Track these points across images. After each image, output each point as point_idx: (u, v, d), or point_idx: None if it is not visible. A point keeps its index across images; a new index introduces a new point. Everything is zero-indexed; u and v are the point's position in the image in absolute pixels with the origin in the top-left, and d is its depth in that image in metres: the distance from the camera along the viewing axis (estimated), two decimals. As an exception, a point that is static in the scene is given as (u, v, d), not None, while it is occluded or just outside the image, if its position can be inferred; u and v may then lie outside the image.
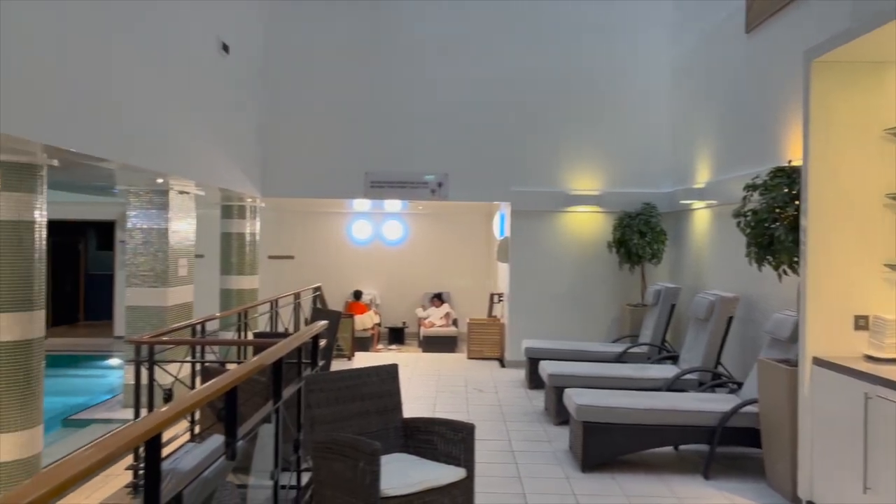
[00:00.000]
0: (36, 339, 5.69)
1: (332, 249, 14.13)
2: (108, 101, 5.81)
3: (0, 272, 5.45)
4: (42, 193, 5.81)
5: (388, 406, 4.07)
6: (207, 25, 8.05)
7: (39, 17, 4.78)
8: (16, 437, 5.41)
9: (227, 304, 10.42)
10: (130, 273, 8.34)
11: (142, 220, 8.30)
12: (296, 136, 10.39)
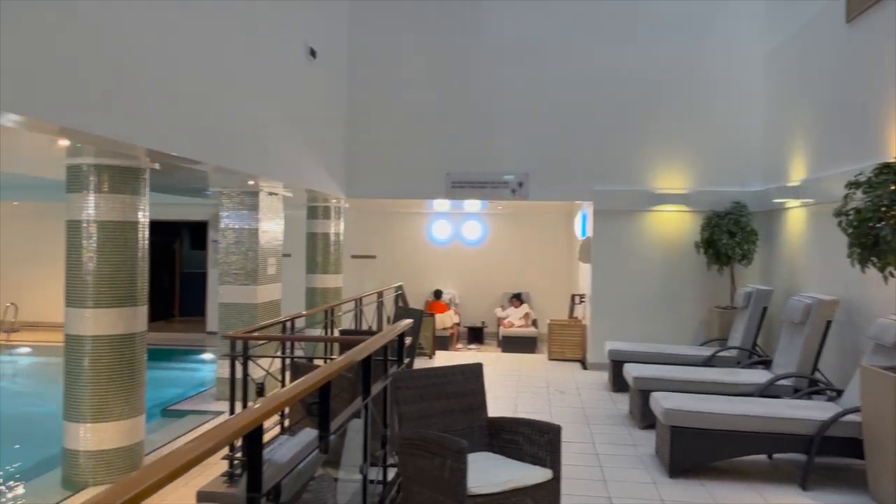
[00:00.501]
0: (139, 333, 6.03)
1: (412, 249, 14.30)
2: (206, 106, 6.08)
3: (106, 270, 5.81)
4: (145, 195, 6.14)
5: (472, 405, 4.09)
6: (296, 31, 8.31)
7: (148, 32, 5.06)
8: (120, 426, 5.74)
9: (312, 302, 10.73)
10: (223, 271, 8.70)
11: (234, 221, 8.65)
12: (378, 138, 10.57)
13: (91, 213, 5.78)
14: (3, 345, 12.67)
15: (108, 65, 4.60)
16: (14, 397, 9.46)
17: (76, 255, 5.80)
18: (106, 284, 5.79)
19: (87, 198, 5.79)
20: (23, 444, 7.20)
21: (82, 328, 5.74)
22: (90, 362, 5.68)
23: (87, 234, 5.79)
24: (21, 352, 12.40)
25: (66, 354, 5.78)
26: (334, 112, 10.09)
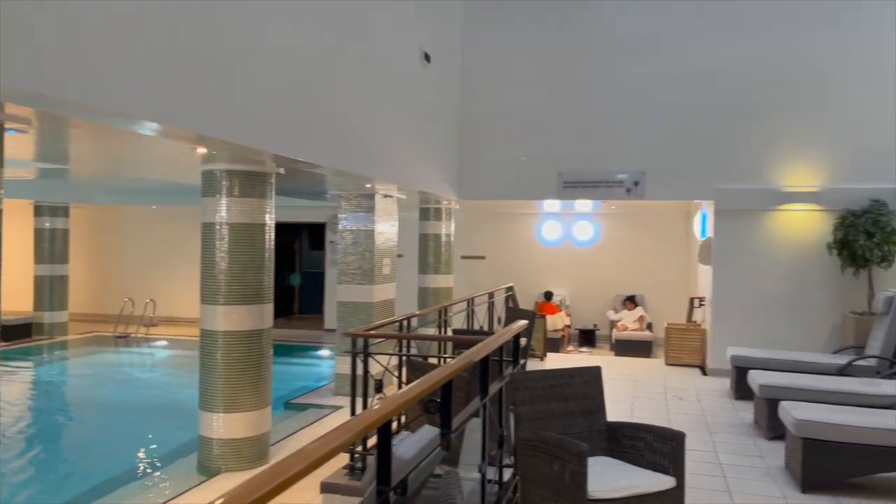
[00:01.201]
0: (265, 329, 6.36)
1: (522, 250, 14.24)
2: (327, 112, 6.33)
3: (237, 269, 6.17)
4: (271, 199, 6.48)
5: (591, 408, 4.03)
6: (410, 36, 8.49)
7: (275, 43, 5.33)
8: (249, 416, 6.08)
9: (424, 302, 10.92)
10: (341, 271, 9.02)
11: (351, 223, 8.95)
12: (490, 139, 10.62)
13: (223, 215, 6.16)
14: (143, 338, 13.73)
15: (239, 75, 4.88)
16: (153, 387, 10.23)
17: (210, 256, 6.20)
18: (236, 283, 6.15)
19: (219, 202, 6.17)
20: (161, 430, 7.76)
21: (215, 323, 6.12)
22: (222, 356, 6.05)
23: (219, 236, 6.17)
24: (159, 344, 13.39)
25: (201, 348, 6.19)
26: (447, 114, 10.22)
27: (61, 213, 13.74)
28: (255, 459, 6.06)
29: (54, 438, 7.90)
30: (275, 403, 6.75)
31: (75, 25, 3.40)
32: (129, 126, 4.29)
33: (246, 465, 5.96)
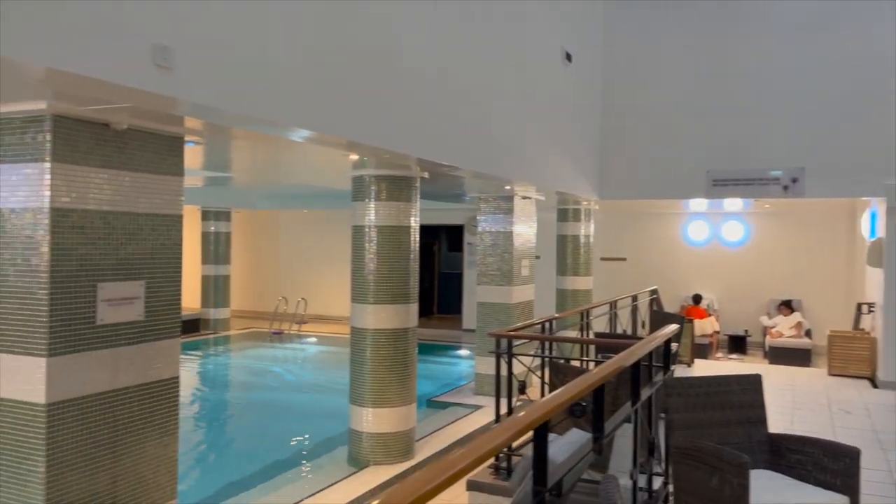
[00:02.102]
0: (411, 328, 6.56)
1: (666, 251, 13.71)
2: (468, 115, 6.42)
3: (384, 270, 6.41)
4: (416, 202, 6.68)
5: (751, 418, 3.81)
6: (552, 36, 8.43)
7: (419, 50, 5.49)
8: (396, 412, 6.30)
9: (562, 304, 10.80)
10: (480, 272, 9.12)
11: (490, 224, 9.04)
12: (633, 138, 10.32)
13: (372, 218, 6.43)
14: (295, 334, 14.60)
15: (386, 82, 5.07)
16: (306, 380, 10.85)
17: (360, 257, 6.49)
18: (384, 283, 6.39)
19: (368, 205, 6.44)
20: (314, 422, 8.21)
21: (364, 321, 6.40)
22: (371, 353, 6.31)
23: (368, 238, 6.45)
24: (310, 341, 14.19)
25: (352, 345, 6.49)
26: (587, 113, 10.05)
27: (224, 217, 14.92)
28: (402, 454, 6.26)
29: (216, 426, 8.58)
30: (418, 401, 6.93)
31: (241, 42, 3.69)
32: (284, 133, 4.58)
33: (393, 459, 6.18)
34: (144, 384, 3.86)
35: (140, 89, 2.99)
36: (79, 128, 3.49)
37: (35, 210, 3.40)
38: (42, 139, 3.38)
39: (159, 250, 3.95)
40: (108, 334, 3.66)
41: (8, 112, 3.41)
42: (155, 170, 3.91)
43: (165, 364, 4.00)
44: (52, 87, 3.16)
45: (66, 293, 3.45)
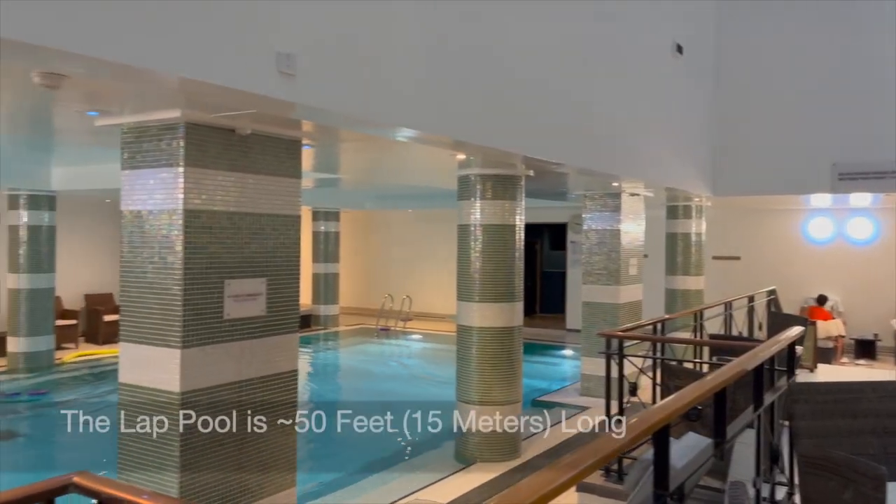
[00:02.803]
0: (516, 326, 6.56)
1: (784, 249, 12.96)
2: (573, 110, 6.32)
3: (489, 268, 6.44)
4: (521, 201, 6.66)
5: (888, 428, 3.54)
6: (662, 28, 8.17)
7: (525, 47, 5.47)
8: (502, 410, 6.31)
9: (671, 304, 10.44)
10: (586, 271, 8.98)
11: (596, 222, 8.87)
12: (750, 131, 9.81)
13: (477, 217, 6.47)
14: (401, 331, 14.91)
15: (490, 81, 5.07)
16: (412, 376, 11.05)
17: (465, 256, 6.54)
18: (489, 281, 6.42)
19: (474, 204, 6.49)
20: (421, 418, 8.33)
21: (470, 320, 6.45)
22: (477, 351, 6.36)
23: (473, 237, 6.49)
24: (414, 337, 14.45)
25: (458, 343, 6.55)
26: (699, 107, 9.66)
27: (333, 217, 15.45)
28: (508, 453, 6.27)
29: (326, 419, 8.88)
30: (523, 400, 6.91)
31: (354, 47, 3.80)
32: (393, 134, 4.68)
33: (499, 457, 6.19)
34: (266, 376, 4.06)
35: (265, 96, 3.15)
36: (208, 134, 3.72)
37: (170, 211, 3.65)
38: (176, 145, 3.62)
39: (279, 249, 4.15)
40: (234, 328, 3.88)
41: (146, 121, 3.68)
42: (275, 172, 4.11)
43: (285, 357, 4.20)
44: (185, 95, 3.39)
45: (198, 289, 3.68)
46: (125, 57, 2.67)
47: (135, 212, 3.79)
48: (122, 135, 3.84)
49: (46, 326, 10.35)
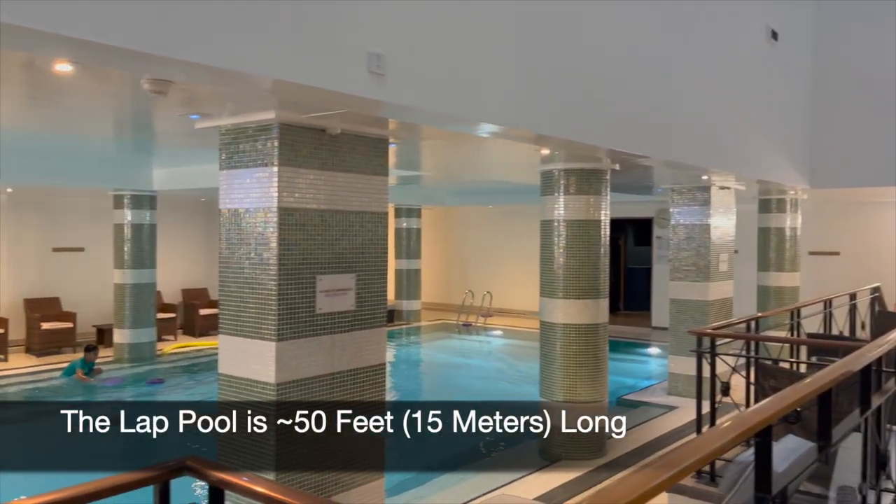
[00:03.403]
0: (601, 324, 6.46)
1: (887, 244, 12.18)
2: (663, 102, 6.15)
3: (573, 265, 6.36)
4: (606, 195, 6.55)
5: None
6: (756, 14, 7.83)
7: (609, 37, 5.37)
8: (587, 408, 6.23)
9: (764, 302, 10.02)
10: (673, 267, 8.73)
11: (684, 217, 8.61)
12: (850, 120, 9.26)
13: (561, 213, 6.40)
14: (482, 327, 14.95)
15: (572, 72, 5.00)
16: (494, 371, 11.06)
17: (548, 251, 6.49)
18: (573, 278, 6.35)
19: (557, 200, 6.42)
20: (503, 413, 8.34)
21: (553, 316, 6.40)
22: (561, 347, 6.30)
23: (557, 233, 6.43)
24: (495, 334, 14.46)
25: (541, 339, 6.51)
26: (795, 95, 9.21)
27: (415, 214, 15.64)
28: (594, 451, 6.19)
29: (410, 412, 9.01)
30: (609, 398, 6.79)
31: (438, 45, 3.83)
32: (474, 130, 4.68)
33: (584, 456, 6.12)
34: (357, 369, 4.16)
35: (356, 95, 3.22)
36: (300, 134, 3.84)
37: (265, 209, 3.79)
38: (271, 146, 3.76)
39: (368, 245, 4.24)
40: (325, 322, 4.00)
41: (243, 122, 3.84)
42: (363, 170, 4.20)
43: (374, 351, 4.29)
44: (278, 97, 3.51)
45: (291, 284, 3.81)
46: (221, 61, 2.79)
47: (232, 210, 3.96)
48: (220, 136, 4.02)
49: (148, 319, 10.96)
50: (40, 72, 3.31)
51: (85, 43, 2.36)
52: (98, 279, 11.70)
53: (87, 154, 8.59)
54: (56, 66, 2.95)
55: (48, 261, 11.85)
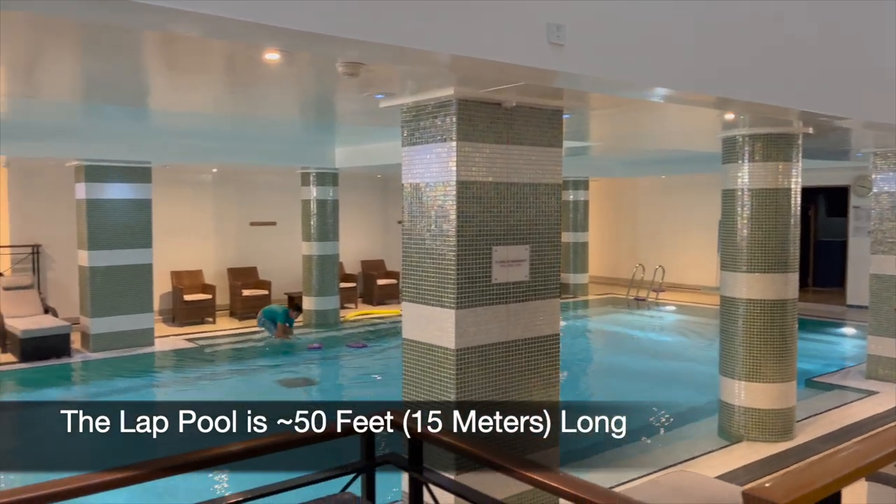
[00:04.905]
0: (790, 300, 6.02)
1: None
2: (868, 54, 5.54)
3: (758, 236, 5.96)
4: (797, 161, 6.05)
5: None
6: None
7: None
8: (772, 388, 5.87)
9: None
10: (876, 240, 7.91)
11: (890, 184, 7.77)
12: None
13: (745, 181, 6.02)
14: (653, 302, 14.48)
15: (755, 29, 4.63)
16: (666, 348, 10.70)
17: (731, 223, 6.13)
18: (758, 250, 5.96)
19: (741, 167, 6.04)
20: (677, 390, 8.08)
21: (736, 291, 6.06)
22: (744, 324, 5.97)
23: (741, 203, 6.05)
24: (668, 309, 13.95)
25: (722, 315, 6.21)
26: None
27: (583, 186, 15.40)
28: (780, 433, 5.84)
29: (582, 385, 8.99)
30: (797, 379, 6.35)
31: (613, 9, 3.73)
32: (649, 95, 4.49)
33: (770, 437, 5.79)
34: (531, 338, 4.25)
35: (535, 67, 3.25)
36: (477, 109, 3.94)
37: (445, 183, 3.95)
38: (449, 122, 3.90)
39: (541, 217, 4.28)
40: (501, 292, 4.11)
41: (423, 100, 4.01)
42: (537, 142, 4.23)
43: (547, 321, 4.34)
44: (457, 73, 3.62)
45: (469, 255, 3.96)
46: (407, 41, 2.93)
47: (414, 184, 4.16)
48: (402, 114, 4.23)
49: (332, 288, 11.83)
50: (247, 61, 3.66)
51: (294, 32, 2.60)
52: (288, 251, 12.77)
53: (278, 136, 9.39)
54: (266, 56, 3.26)
55: (246, 234, 13.13)
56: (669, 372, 9.04)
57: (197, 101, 5.67)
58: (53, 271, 11.07)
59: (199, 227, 12.63)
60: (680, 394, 7.89)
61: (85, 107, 6.85)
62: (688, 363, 9.47)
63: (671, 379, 8.68)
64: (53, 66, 4.19)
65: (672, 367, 9.29)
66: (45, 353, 8.95)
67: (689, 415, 7.14)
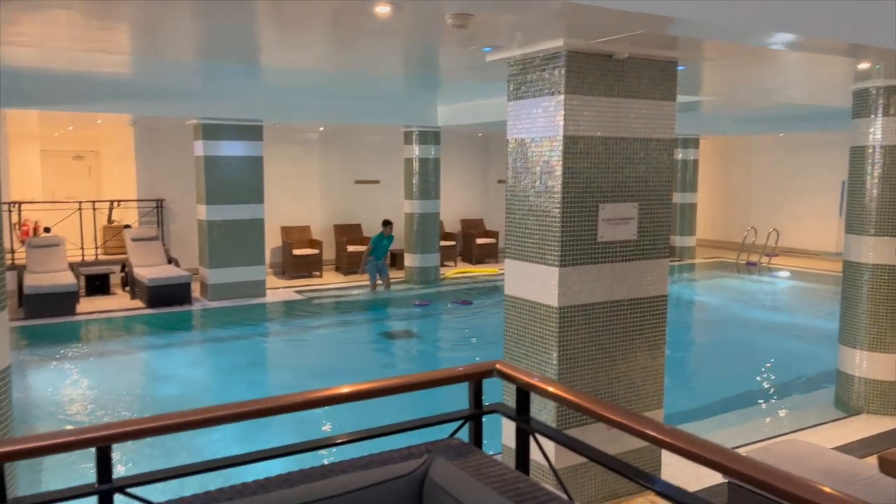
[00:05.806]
0: (922, 266, 5.57)
1: None
2: None
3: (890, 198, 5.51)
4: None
5: None
6: None
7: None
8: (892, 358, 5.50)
9: None
10: None
11: None
12: None
13: (878, 137, 5.56)
14: (765, 267, 13.78)
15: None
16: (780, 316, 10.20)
17: (859, 182, 5.70)
18: (890, 212, 5.53)
19: (874, 122, 5.58)
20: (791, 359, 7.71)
21: (862, 255, 5.66)
22: (868, 291, 5.58)
23: (871, 161, 5.61)
24: (781, 275, 13.25)
25: (844, 280, 5.83)
26: None
27: (692, 144, 14.73)
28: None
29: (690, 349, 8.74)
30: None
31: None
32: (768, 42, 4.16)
33: (892, 411, 5.45)
34: (637, 299, 4.15)
35: (649, 14, 3.10)
36: (587, 61, 3.82)
37: (551, 138, 3.88)
38: (558, 74, 3.81)
39: (652, 174, 4.13)
40: (607, 251, 4.02)
41: (531, 52, 3.93)
42: (649, 95, 4.07)
43: (655, 282, 4.23)
44: (567, 21, 3.50)
45: (575, 212, 3.89)
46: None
47: (519, 140, 4.11)
48: (509, 68, 4.17)
49: (433, 246, 11.99)
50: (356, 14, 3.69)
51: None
52: (391, 208, 13.02)
53: (383, 93, 9.48)
54: (377, 8, 3.27)
55: (351, 192, 13.47)
56: (781, 339, 8.63)
57: (306, 58, 5.81)
58: (175, 224, 11.82)
59: (307, 184, 13.07)
60: (793, 362, 7.52)
61: (202, 66, 7.16)
62: (801, 331, 9.00)
63: (783, 347, 8.28)
64: (173, 25, 4.40)
65: (784, 335, 8.86)
66: (168, 301, 9.62)
67: (802, 385, 6.82)
